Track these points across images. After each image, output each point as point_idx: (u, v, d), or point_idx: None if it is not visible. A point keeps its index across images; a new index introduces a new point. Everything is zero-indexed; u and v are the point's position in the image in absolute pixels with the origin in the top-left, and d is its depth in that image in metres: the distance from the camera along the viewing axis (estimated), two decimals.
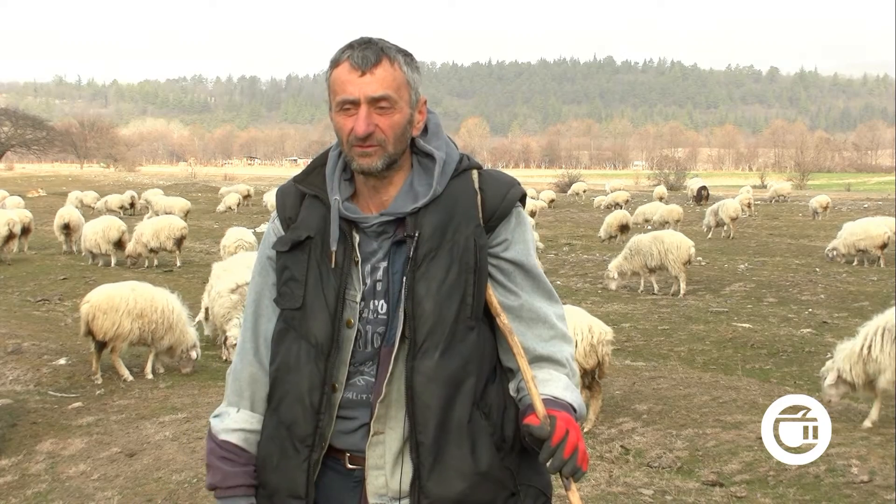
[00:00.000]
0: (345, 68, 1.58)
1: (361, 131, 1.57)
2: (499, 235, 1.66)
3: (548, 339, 1.67)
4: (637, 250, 13.09)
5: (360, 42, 1.60)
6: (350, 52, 1.58)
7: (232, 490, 1.67)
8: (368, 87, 1.57)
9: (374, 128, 1.58)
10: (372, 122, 1.57)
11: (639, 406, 6.21)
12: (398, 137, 1.61)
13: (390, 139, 1.60)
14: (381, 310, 1.62)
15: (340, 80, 1.58)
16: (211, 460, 1.70)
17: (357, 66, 1.57)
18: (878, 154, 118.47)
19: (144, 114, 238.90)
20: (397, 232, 1.62)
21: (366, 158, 1.59)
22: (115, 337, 7.08)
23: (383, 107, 1.58)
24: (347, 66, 1.58)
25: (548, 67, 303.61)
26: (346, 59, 1.58)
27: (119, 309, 7.06)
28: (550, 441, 1.49)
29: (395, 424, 1.59)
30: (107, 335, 7.06)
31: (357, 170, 1.62)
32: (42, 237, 19.55)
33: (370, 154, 1.59)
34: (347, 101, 1.58)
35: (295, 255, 1.65)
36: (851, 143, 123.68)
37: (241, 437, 1.69)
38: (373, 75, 1.57)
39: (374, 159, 1.59)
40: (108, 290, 7.35)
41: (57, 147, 67.04)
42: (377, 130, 1.58)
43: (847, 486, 4.37)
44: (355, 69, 1.57)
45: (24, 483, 4.78)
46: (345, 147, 1.62)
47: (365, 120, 1.57)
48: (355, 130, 1.57)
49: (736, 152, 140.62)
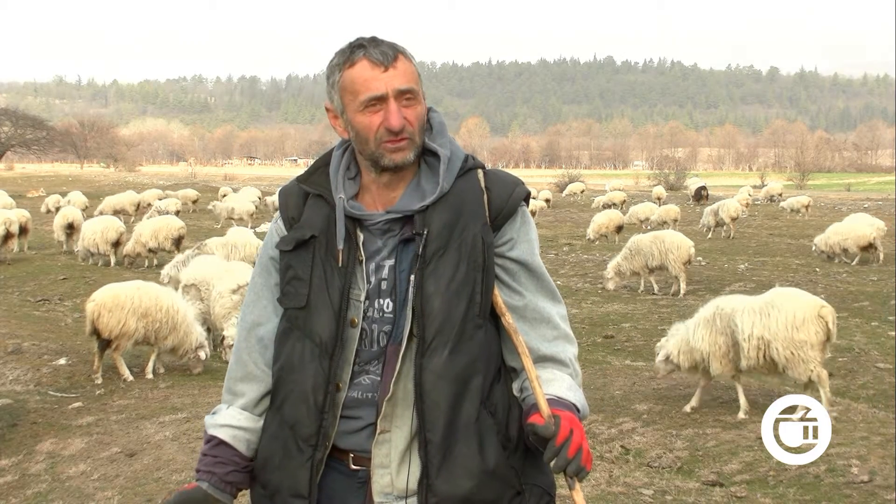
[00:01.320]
0: (364, 66, 1.57)
1: (398, 124, 1.57)
2: (504, 234, 1.66)
3: (551, 340, 1.67)
4: (637, 250, 13.08)
5: (366, 41, 1.60)
6: (363, 51, 1.58)
7: (199, 474, 1.68)
8: (394, 80, 1.57)
9: (405, 121, 1.58)
10: (402, 115, 1.58)
11: (639, 406, 6.21)
12: (422, 129, 1.63)
13: (417, 131, 1.61)
14: (387, 308, 1.62)
15: (363, 78, 1.57)
16: (201, 453, 1.72)
17: (379, 62, 1.57)
18: (878, 154, 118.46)
19: (144, 114, 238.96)
20: (404, 230, 1.62)
21: (399, 153, 1.59)
22: (121, 335, 7.12)
23: (409, 99, 1.59)
24: (367, 63, 1.57)
25: (548, 67, 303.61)
26: (361, 58, 1.57)
27: (125, 307, 7.12)
28: (555, 440, 1.50)
29: (402, 423, 1.59)
30: (112, 333, 7.10)
31: (390, 165, 1.60)
32: (42, 237, 19.55)
33: (403, 148, 1.59)
34: (374, 98, 1.57)
35: (299, 255, 1.65)
36: (851, 143, 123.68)
37: (230, 434, 1.69)
38: (395, 69, 1.57)
39: (406, 153, 1.60)
40: (114, 288, 7.43)
41: (57, 147, 66.94)
42: (406, 123, 1.59)
43: (847, 486, 4.37)
44: (377, 65, 1.57)
45: (24, 483, 4.78)
46: (371, 145, 1.60)
47: (397, 113, 1.57)
48: (390, 124, 1.57)
49: (736, 152, 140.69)
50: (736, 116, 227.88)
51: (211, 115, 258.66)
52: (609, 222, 20.77)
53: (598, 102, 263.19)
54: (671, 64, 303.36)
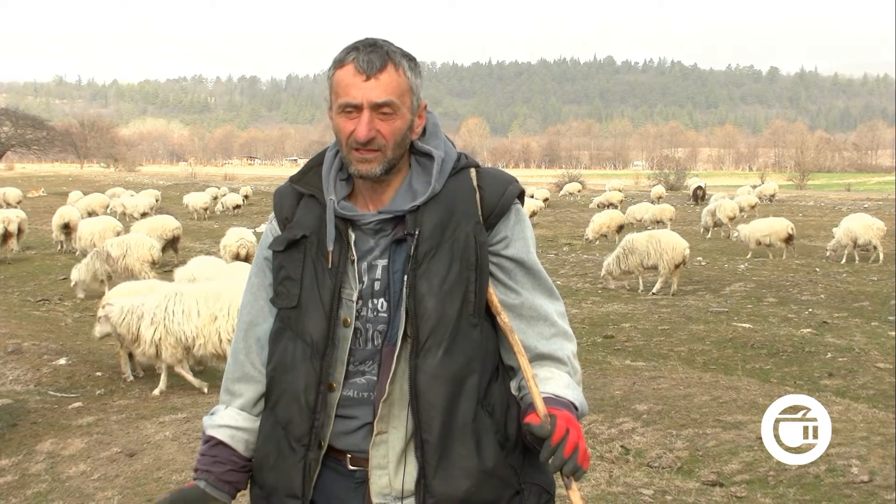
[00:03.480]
0: (349, 71, 1.56)
1: (363, 136, 1.55)
2: (498, 233, 1.65)
3: (549, 337, 1.66)
4: (632, 249, 13.06)
5: (365, 44, 1.58)
6: (355, 54, 1.57)
7: (197, 473, 1.69)
8: (372, 92, 1.55)
9: (376, 133, 1.56)
10: (373, 127, 1.56)
11: (639, 406, 6.21)
12: (398, 143, 1.60)
13: (390, 145, 1.59)
14: (382, 308, 1.61)
15: (344, 82, 1.57)
16: (200, 454, 1.73)
17: (362, 70, 1.55)
18: (878, 154, 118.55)
19: (144, 114, 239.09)
20: (396, 230, 1.62)
21: (365, 164, 1.58)
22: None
23: (386, 112, 1.57)
24: (352, 68, 1.56)
25: (548, 67, 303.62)
26: (350, 62, 1.56)
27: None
28: (551, 440, 1.49)
29: (399, 424, 1.59)
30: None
31: (355, 174, 1.61)
32: (42, 237, 19.56)
33: (370, 160, 1.58)
34: (350, 105, 1.56)
35: (291, 255, 1.66)
36: (851, 143, 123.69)
37: (228, 434, 1.70)
38: (377, 81, 1.55)
39: (373, 165, 1.58)
40: (129, 287, 7.50)
41: (57, 147, 66.94)
42: (378, 136, 1.57)
43: (847, 486, 4.37)
44: (360, 73, 1.55)
45: (24, 483, 4.78)
46: (343, 149, 1.61)
47: (367, 125, 1.56)
48: (356, 135, 1.56)
49: (736, 152, 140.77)
50: (736, 116, 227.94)
51: (211, 115, 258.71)
52: (610, 222, 20.78)
53: (598, 102, 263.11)
54: (671, 64, 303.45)
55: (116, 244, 12.52)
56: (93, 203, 24.95)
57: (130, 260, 12.45)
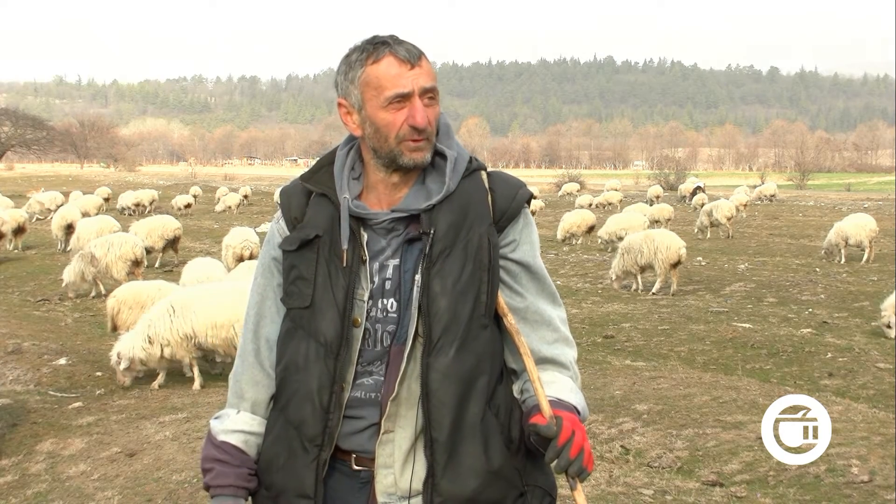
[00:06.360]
0: (390, 63, 1.57)
1: (423, 122, 1.56)
2: (507, 236, 1.66)
3: (552, 342, 1.67)
4: (628, 248, 13.10)
5: (389, 38, 1.60)
6: (387, 47, 1.58)
7: (222, 489, 1.66)
8: (420, 78, 1.57)
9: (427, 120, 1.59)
10: (426, 113, 1.58)
11: (639, 406, 6.20)
12: (435, 129, 1.63)
13: (434, 131, 1.62)
14: (391, 308, 1.61)
15: (389, 74, 1.57)
16: (207, 462, 1.69)
17: (406, 60, 1.57)
18: (878, 154, 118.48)
19: (144, 114, 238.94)
20: (409, 229, 1.61)
21: (419, 153, 1.59)
22: None
23: (431, 98, 1.60)
24: (394, 60, 1.57)
25: (548, 67, 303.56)
26: (387, 54, 1.57)
27: (144, 305, 7.26)
28: (557, 441, 1.50)
29: (406, 423, 1.59)
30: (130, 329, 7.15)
31: (409, 164, 1.60)
32: (42, 237, 19.55)
33: (422, 148, 1.59)
34: (401, 95, 1.56)
35: (303, 254, 1.64)
36: (851, 143, 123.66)
37: (241, 439, 1.68)
38: (421, 68, 1.58)
39: (425, 153, 1.60)
40: (136, 286, 7.61)
41: (57, 147, 67.00)
42: (427, 123, 1.59)
43: (847, 486, 4.37)
44: (404, 63, 1.57)
45: (24, 483, 4.78)
46: (392, 142, 1.59)
47: (423, 111, 1.57)
48: (416, 122, 1.56)
49: (736, 152, 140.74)
50: (736, 116, 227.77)
51: (211, 115, 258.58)
52: (581, 222, 20.73)
53: (598, 102, 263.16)
54: (671, 64, 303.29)
55: (100, 244, 12.22)
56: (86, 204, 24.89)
57: (111, 258, 12.06)
